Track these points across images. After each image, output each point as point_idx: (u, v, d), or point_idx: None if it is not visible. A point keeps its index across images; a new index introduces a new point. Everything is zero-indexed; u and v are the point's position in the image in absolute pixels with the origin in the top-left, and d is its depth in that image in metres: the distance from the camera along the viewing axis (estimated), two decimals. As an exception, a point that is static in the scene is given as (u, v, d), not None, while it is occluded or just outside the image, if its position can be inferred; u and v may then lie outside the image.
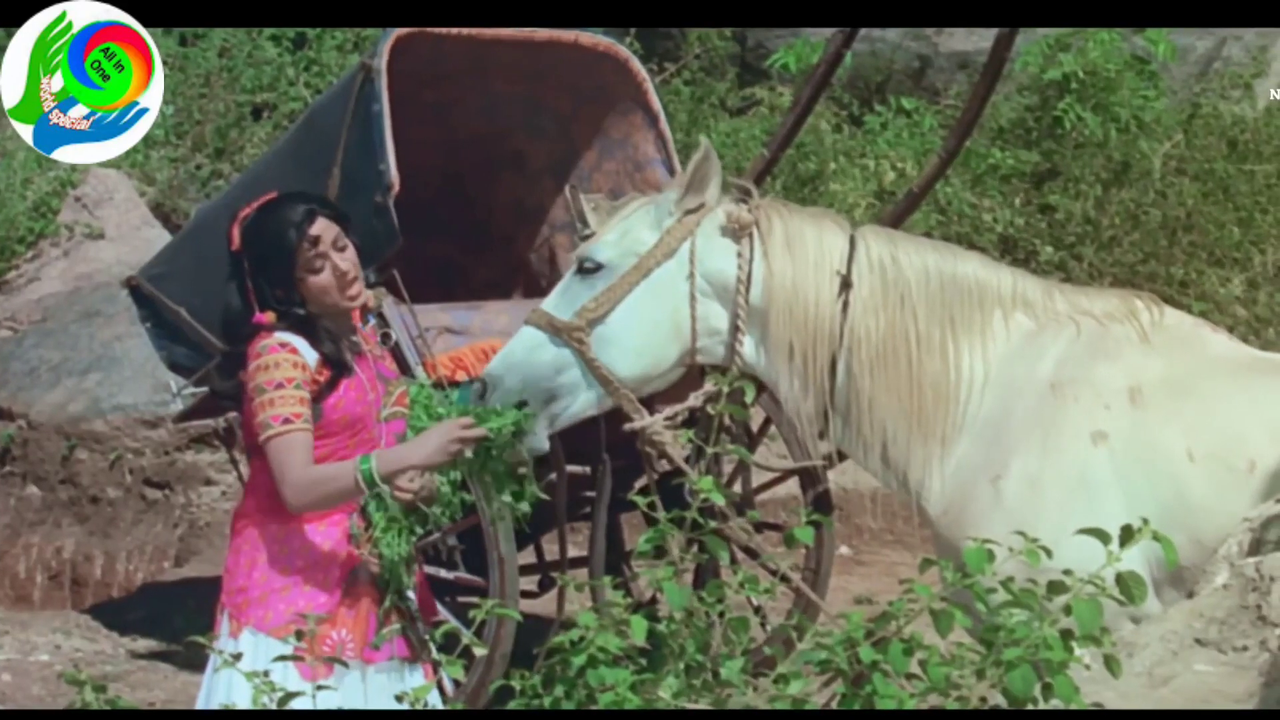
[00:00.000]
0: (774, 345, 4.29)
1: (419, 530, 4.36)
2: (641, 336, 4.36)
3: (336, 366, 4.25)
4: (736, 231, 4.33)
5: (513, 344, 4.47)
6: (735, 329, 4.30)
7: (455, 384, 5.86)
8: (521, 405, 4.35)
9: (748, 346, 4.33)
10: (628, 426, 4.49)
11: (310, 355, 4.22)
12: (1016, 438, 4.15)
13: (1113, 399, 4.13)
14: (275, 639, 4.13)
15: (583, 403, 4.42)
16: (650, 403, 4.66)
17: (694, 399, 4.50)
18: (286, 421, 4.14)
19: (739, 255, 4.30)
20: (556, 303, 4.47)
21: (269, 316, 4.23)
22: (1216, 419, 4.10)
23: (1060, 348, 4.22)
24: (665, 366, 4.41)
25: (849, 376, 4.24)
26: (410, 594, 4.37)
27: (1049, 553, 2.78)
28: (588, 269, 4.43)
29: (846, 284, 4.24)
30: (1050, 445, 4.12)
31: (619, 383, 4.35)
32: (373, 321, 4.62)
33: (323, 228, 4.26)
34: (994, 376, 4.22)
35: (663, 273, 4.35)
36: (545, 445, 4.44)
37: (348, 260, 4.26)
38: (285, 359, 4.18)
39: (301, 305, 4.25)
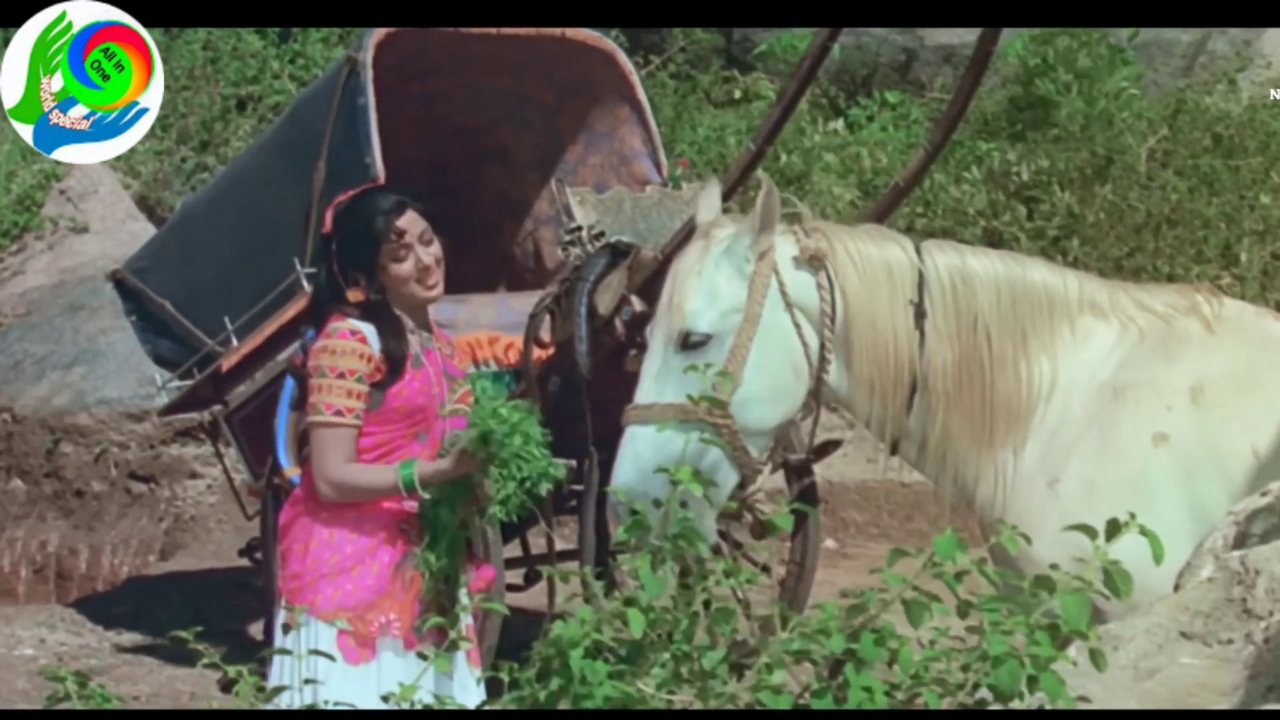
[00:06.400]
0: (855, 378, 4.26)
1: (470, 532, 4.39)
2: (776, 384, 4.27)
3: (394, 364, 4.29)
4: (812, 262, 4.27)
5: (634, 450, 4.22)
6: (823, 359, 4.26)
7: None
8: (529, 407, 4.31)
9: (833, 373, 4.29)
10: (745, 494, 4.37)
11: (378, 346, 4.28)
12: (1075, 441, 4.12)
13: (1174, 399, 4.08)
14: (323, 623, 4.23)
15: (733, 476, 4.28)
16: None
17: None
18: (338, 414, 4.23)
19: (819, 287, 4.26)
20: (661, 389, 4.26)
21: (356, 295, 4.32)
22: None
23: (1123, 350, 4.18)
24: (798, 404, 4.34)
25: (925, 406, 4.23)
26: (463, 589, 4.39)
27: (1025, 538, 2.77)
28: (695, 343, 4.23)
29: (921, 313, 4.21)
30: (1108, 448, 4.08)
31: (760, 439, 4.28)
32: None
33: (411, 220, 4.34)
34: (1059, 382, 4.20)
35: (768, 316, 4.25)
36: (714, 534, 4.29)
37: (431, 254, 4.35)
38: (353, 348, 4.26)
39: (380, 293, 4.33)
